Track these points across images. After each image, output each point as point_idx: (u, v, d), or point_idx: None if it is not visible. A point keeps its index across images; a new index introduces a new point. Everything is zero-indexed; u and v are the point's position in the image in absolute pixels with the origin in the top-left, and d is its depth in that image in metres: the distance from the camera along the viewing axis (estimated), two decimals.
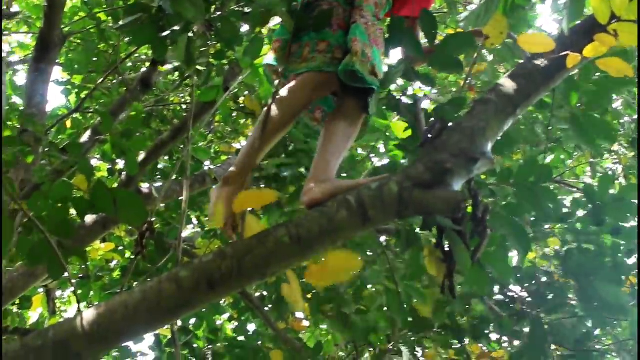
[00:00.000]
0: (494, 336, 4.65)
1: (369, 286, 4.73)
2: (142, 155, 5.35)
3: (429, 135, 2.32)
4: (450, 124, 2.35)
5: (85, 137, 5.47)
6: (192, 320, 5.93)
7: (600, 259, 3.51)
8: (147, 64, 6.34)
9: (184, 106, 7.05)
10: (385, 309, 4.46)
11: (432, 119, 2.81)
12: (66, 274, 2.56)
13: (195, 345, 5.62)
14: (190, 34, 3.43)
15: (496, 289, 4.16)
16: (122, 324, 1.96)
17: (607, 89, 2.72)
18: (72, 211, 2.74)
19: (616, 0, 1.94)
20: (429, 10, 2.85)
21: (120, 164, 5.64)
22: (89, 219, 5.02)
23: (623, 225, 3.72)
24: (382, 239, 4.96)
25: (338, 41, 2.67)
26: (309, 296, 4.85)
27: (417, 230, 3.31)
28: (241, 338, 6.05)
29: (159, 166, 6.51)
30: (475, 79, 6.98)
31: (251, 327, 6.40)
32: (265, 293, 5.58)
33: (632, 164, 7.34)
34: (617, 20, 1.99)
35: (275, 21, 3.81)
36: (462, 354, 4.78)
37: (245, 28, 3.95)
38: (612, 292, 3.37)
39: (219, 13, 3.60)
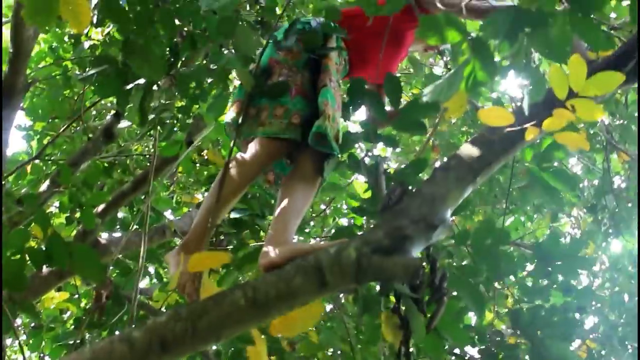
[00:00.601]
0: None
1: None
2: (101, 206, 5.29)
3: (389, 200, 2.33)
4: (410, 188, 2.36)
5: (44, 186, 5.41)
6: None
7: (550, 316, 3.49)
8: (111, 112, 6.31)
9: (147, 156, 7.01)
10: None
11: (393, 182, 2.81)
12: (17, 323, 2.51)
13: None
14: (155, 88, 3.43)
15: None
16: None
17: (554, 150, 2.76)
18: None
19: (574, 78, 1.99)
20: (394, 74, 2.86)
21: (79, 213, 5.57)
22: (45, 268, 4.92)
23: (574, 285, 3.72)
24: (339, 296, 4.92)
25: (296, 107, 2.69)
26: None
27: (375, 294, 3.29)
28: None
29: (119, 215, 6.43)
30: (438, 137, 7.05)
31: None
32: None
33: (590, 229, 7.42)
34: (575, 96, 2.03)
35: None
36: None
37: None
38: (561, 349, 3.34)
39: (184, 68, 3.61)
